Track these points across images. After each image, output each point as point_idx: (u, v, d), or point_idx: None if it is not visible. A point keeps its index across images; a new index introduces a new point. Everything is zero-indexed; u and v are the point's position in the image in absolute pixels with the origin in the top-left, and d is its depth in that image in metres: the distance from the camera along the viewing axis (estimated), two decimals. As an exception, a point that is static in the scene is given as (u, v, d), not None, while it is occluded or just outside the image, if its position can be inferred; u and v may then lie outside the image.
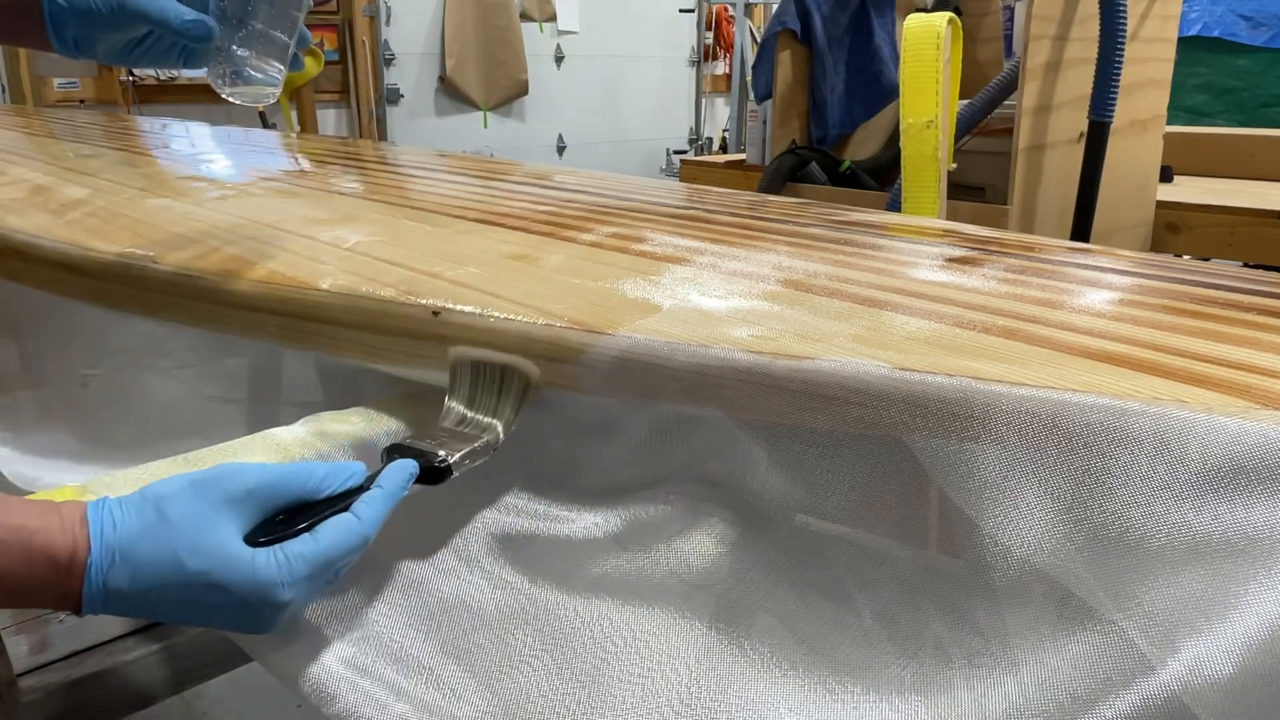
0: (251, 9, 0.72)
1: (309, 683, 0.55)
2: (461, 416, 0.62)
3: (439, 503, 0.65)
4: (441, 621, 0.59)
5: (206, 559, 0.50)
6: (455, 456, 0.58)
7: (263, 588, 0.51)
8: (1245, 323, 0.61)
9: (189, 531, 0.50)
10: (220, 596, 0.50)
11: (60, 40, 0.71)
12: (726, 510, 0.62)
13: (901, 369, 0.51)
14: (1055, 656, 0.48)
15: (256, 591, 0.50)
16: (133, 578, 0.49)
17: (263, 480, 0.53)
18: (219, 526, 0.51)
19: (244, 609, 0.51)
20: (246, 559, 0.51)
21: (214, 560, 0.50)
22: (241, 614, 0.51)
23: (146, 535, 0.50)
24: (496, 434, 0.61)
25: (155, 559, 0.49)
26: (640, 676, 0.56)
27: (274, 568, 0.51)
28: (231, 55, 0.73)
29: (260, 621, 0.52)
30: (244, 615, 0.51)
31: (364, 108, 4.62)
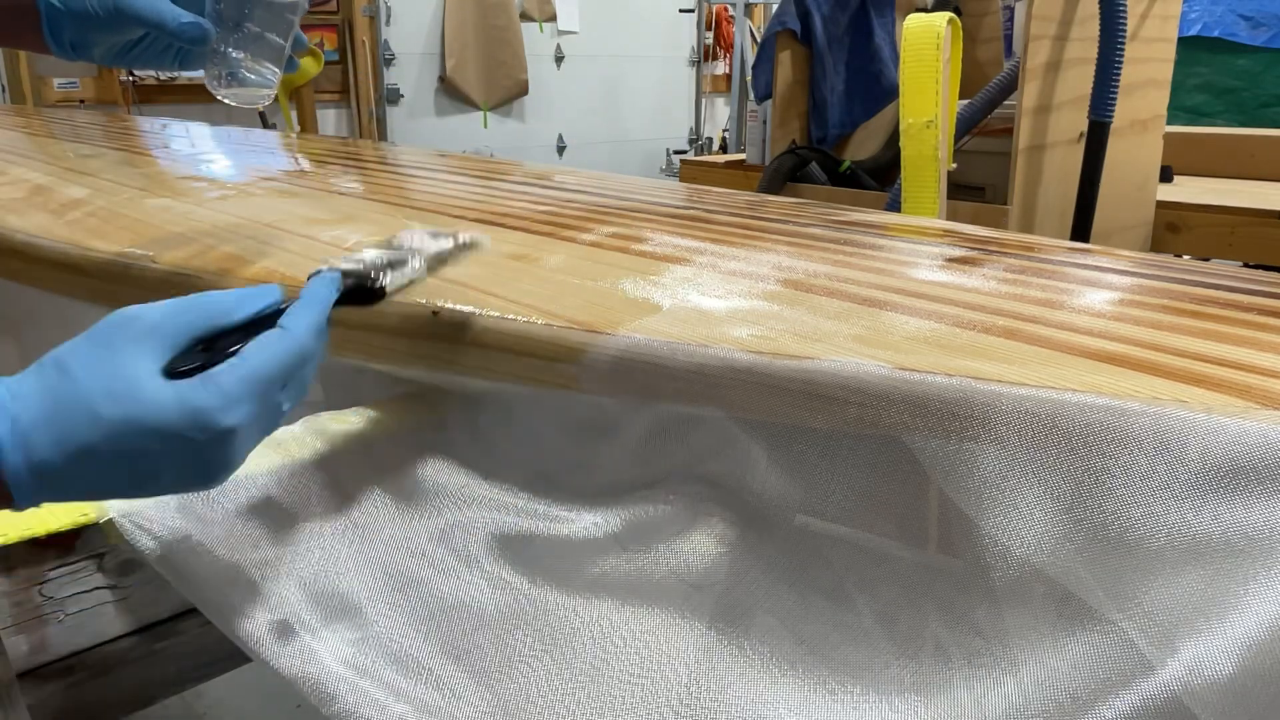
0: (247, 12, 0.73)
1: (309, 683, 0.55)
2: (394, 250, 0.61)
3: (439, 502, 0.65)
4: (441, 621, 0.59)
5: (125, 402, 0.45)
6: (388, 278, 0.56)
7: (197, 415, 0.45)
8: (1245, 323, 0.61)
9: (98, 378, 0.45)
10: (156, 441, 0.45)
11: (57, 43, 0.71)
12: (726, 510, 0.62)
13: (901, 369, 0.51)
14: (1055, 656, 0.48)
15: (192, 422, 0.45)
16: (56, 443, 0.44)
17: (165, 313, 0.48)
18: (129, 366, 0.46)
19: (188, 450, 0.45)
20: (169, 392, 0.45)
21: (134, 401, 0.45)
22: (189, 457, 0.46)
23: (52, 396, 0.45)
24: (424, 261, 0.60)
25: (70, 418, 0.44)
26: (640, 676, 0.56)
27: (203, 393, 0.46)
28: (227, 57, 0.73)
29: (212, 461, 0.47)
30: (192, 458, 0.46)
31: (364, 108, 4.62)
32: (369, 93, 4.62)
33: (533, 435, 0.68)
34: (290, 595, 0.59)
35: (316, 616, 0.58)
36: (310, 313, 0.52)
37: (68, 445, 0.44)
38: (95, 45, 0.72)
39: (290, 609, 0.58)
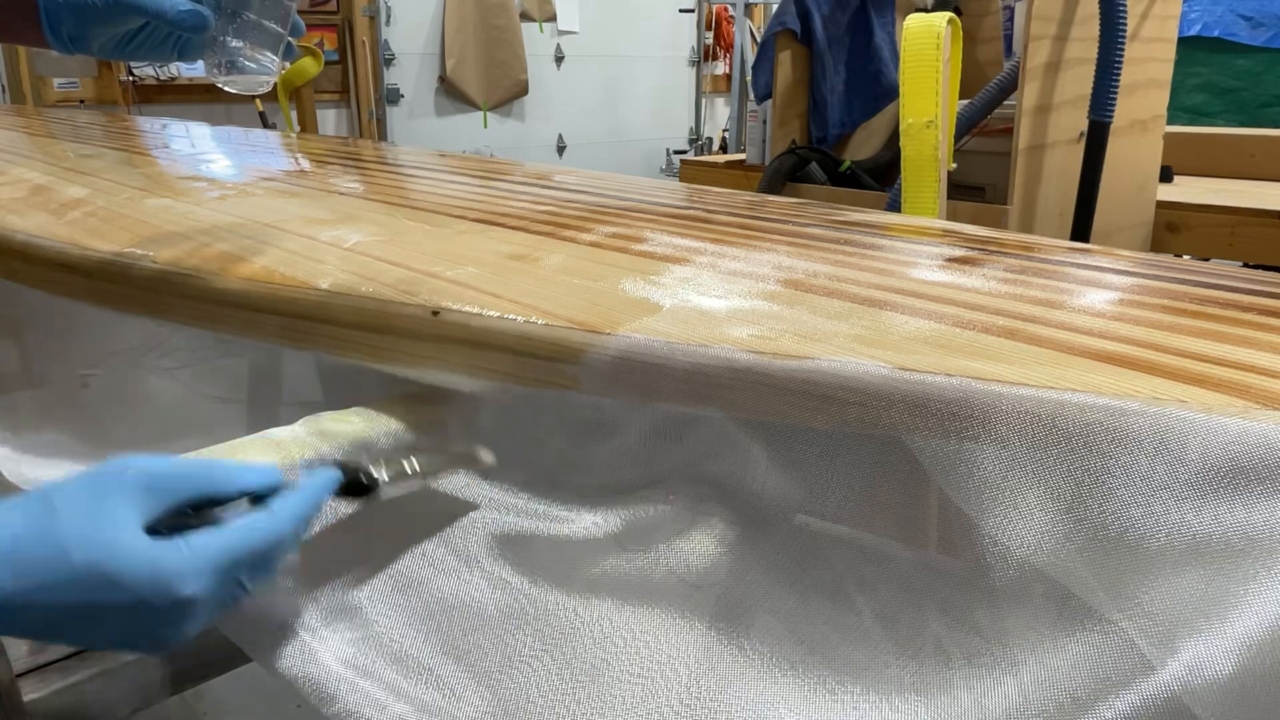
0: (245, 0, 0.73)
1: (309, 683, 0.55)
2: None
3: (438, 502, 0.65)
4: (441, 621, 0.59)
5: (96, 549, 0.44)
6: (385, 475, 0.57)
7: (161, 578, 0.45)
8: (1245, 323, 0.61)
9: (78, 521, 0.45)
10: (115, 594, 0.44)
11: (56, 36, 0.71)
12: (726, 510, 0.62)
13: (901, 369, 0.51)
14: (1055, 656, 0.48)
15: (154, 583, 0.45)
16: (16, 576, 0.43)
17: (165, 470, 0.49)
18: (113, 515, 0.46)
19: (144, 609, 0.45)
20: (142, 547, 0.45)
21: (104, 549, 0.44)
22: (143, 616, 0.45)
23: (31, 530, 0.45)
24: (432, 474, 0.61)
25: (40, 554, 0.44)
26: (640, 676, 0.56)
27: (173, 555, 0.45)
28: (226, 46, 0.74)
29: (165, 625, 0.46)
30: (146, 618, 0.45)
31: (364, 108, 4.62)
32: (369, 93, 4.62)
33: (533, 435, 0.68)
34: (290, 595, 0.59)
35: (316, 616, 0.58)
36: (301, 505, 0.52)
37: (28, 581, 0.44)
38: (94, 37, 0.71)
39: (290, 609, 0.58)
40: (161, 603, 0.45)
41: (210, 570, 0.47)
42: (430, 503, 0.65)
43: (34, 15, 0.70)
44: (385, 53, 4.68)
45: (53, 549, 0.44)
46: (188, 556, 0.46)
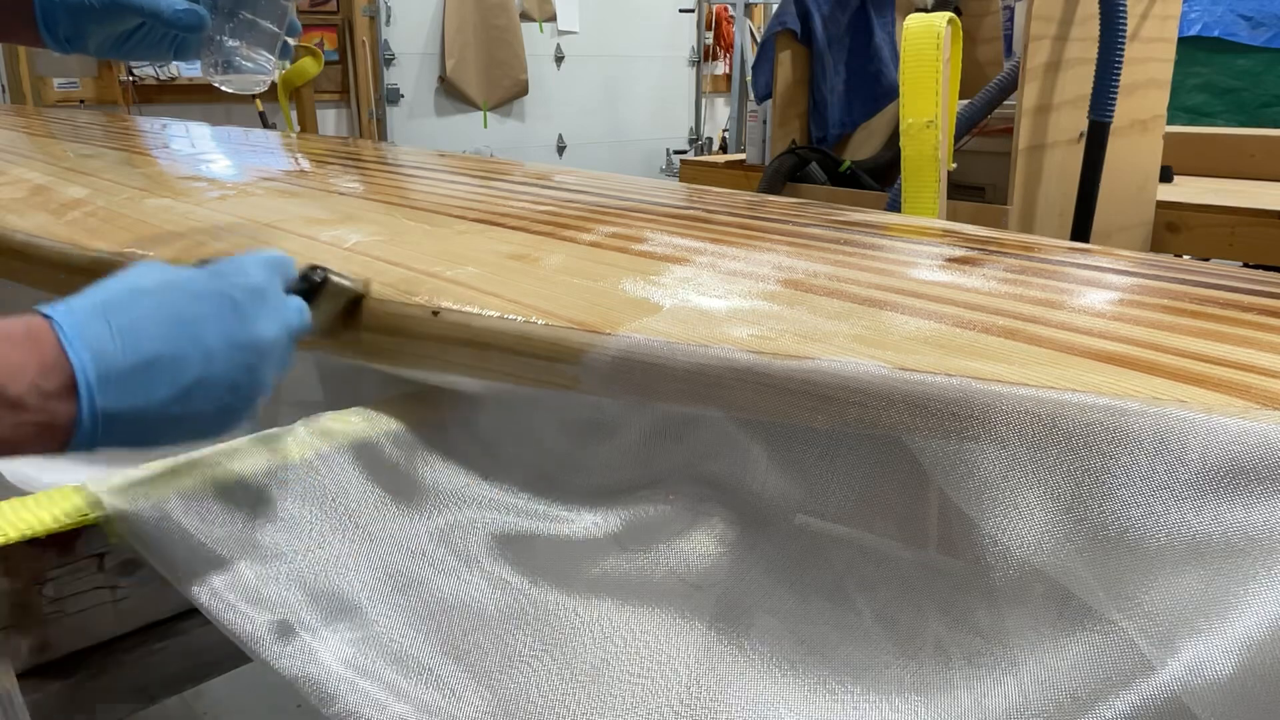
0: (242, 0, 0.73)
1: (309, 683, 0.55)
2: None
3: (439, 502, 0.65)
4: (441, 621, 0.59)
5: (166, 275, 0.50)
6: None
7: (229, 274, 0.51)
8: (1245, 323, 0.61)
9: (138, 275, 0.50)
10: (199, 303, 0.50)
11: (52, 35, 0.71)
12: (726, 510, 0.62)
13: (901, 369, 0.51)
14: (1055, 656, 0.48)
15: (226, 280, 0.51)
16: (113, 325, 0.47)
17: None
18: (165, 267, 0.52)
19: (228, 304, 0.51)
20: (201, 268, 0.51)
21: (173, 274, 0.50)
22: (230, 311, 0.50)
23: (102, 291, 0.49)
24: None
25: (122, 303, 0.48)
26: (640, 676, 0.56)
27: (227, 263, 0.52)
28: (222, 46, 0.74)
29: (251, 317, 0.51)
30: (232, 312, 0.51)
31: (364, 108, 4.62)
32: (369, 93, 4.62)
33: (533, 435, 0.68)
34: (290, 595, 0.59)
35: (316, 616, 0.58)
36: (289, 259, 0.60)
37: (120, 320, 0.48)
38: (90, 37, 0.71)
39: (290, 609, 0.58)
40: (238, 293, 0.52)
41: (258, 264, 0.55)
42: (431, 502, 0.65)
43: (30, 14, 0.70)
44: (385, 53, 4.68)
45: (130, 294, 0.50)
46: (237, 260, 0.54)
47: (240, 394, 0.52)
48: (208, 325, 0.50)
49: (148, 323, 0.48)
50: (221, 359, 0.50)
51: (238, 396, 0.52)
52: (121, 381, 0.47)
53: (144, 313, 0.48)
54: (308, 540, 0.61)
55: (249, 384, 0.52)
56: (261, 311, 0.52)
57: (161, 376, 0.48)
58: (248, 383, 0.52)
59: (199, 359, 0.49)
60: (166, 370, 0.49)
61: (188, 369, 0.49)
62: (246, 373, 0.51)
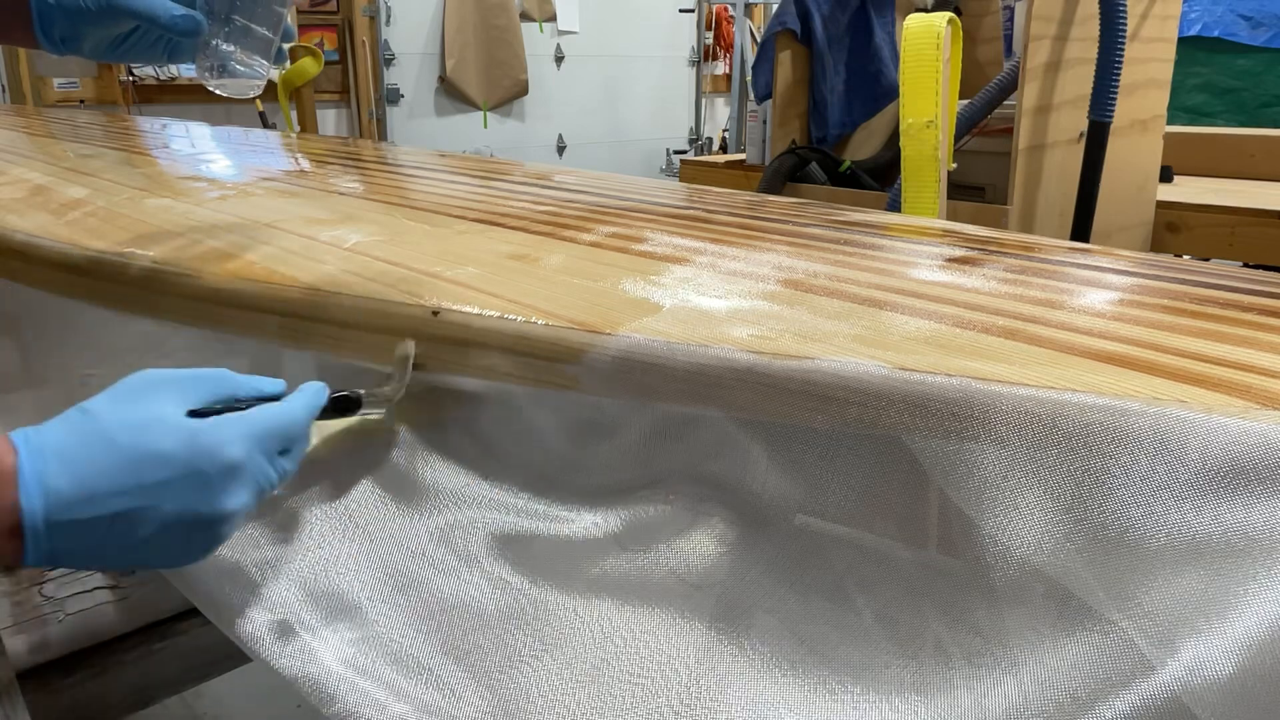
0: (237, 4, 0.73)
1: (309, 683, 0.55)
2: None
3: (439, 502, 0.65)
4: (441, 621, 0.59)
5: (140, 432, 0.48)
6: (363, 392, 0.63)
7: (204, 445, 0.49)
8: (1245, 323, 0.61)
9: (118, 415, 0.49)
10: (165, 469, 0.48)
11: (47, 37, 0.71)
12: (726, 510, 0.62)
13: (901, 369, 0.51)
14: (1055, 656, 0.48)
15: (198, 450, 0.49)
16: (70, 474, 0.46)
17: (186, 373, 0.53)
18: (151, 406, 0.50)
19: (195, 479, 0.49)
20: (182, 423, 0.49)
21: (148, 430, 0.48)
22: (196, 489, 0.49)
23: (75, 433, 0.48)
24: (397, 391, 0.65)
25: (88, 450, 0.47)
26: (640, 676, 0.56)
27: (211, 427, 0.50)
28: (217, 50, 0.74)
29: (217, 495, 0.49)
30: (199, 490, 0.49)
31: (364, 108, 4.62)
32: (369, 93, 4.62)
33: (533, 435, 0.68)
34: (290, 595, 0.59)
35: (316, 616, 0.58)
36: (306, 398, 0.58)
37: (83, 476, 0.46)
38: (85, 39, 0.71)
39: (290, 609, 0.58)
40: (210, 467, 0.49)
41: (245, 437, 0.51)
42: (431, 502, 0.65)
43: (26, 16, 0.70)
44: (385, 53, 4.68)
45: (100, 442, 0.47)
46: (225, 427, 0.50)
47: (195, 548, 0.51)
48: (170, 495, 0.49)
49: (109, 482, 0.47)
50: (175, 525, 0.49)
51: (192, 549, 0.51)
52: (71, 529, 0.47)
53: (108, 470, 0.47)
54: (308, 540, 0.61)
55: (204, 542, 0.51)
56: (231, 486, 0.50)
57: (114, 531, 0.48)
58: (204, 541, 0.51)
59: (154, 523, 0.49)
60: (120, 526, 0.48)
61: (141, 528, 0.49)
62: (204, 534, 0.51)
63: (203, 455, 0.49)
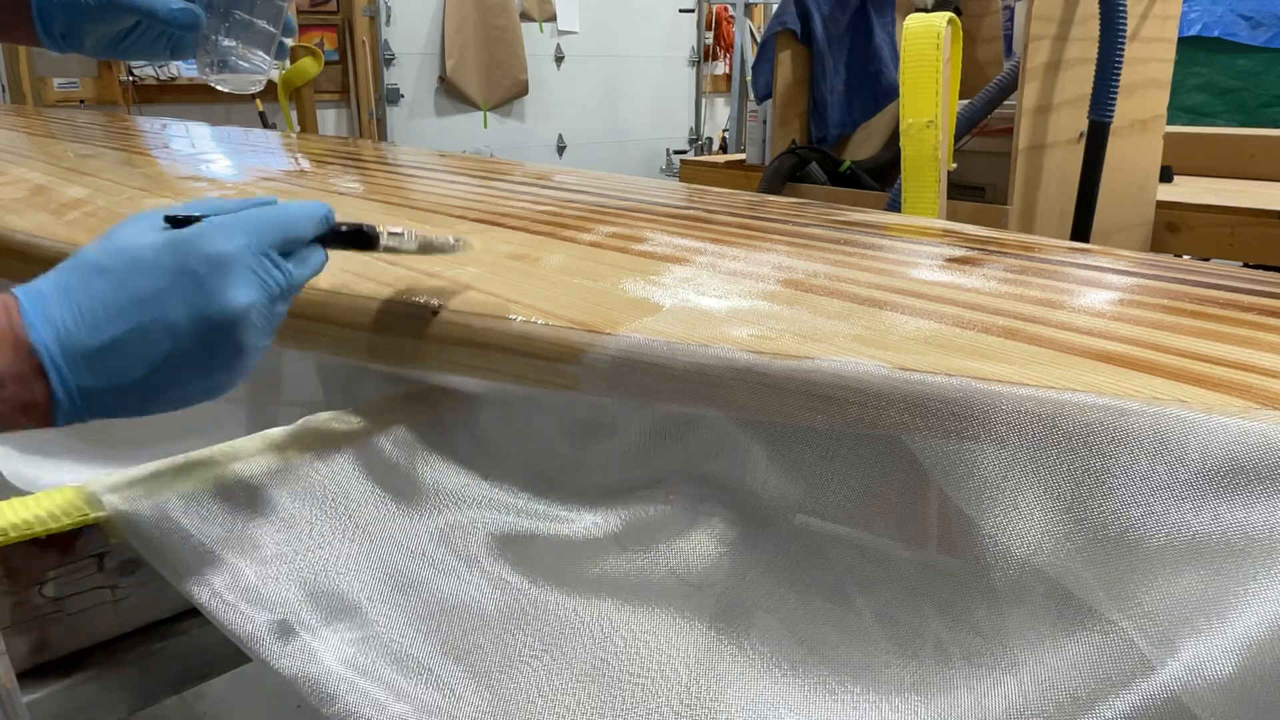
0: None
1: (309, 683, 0.55)
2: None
3: (439, 502, 0.65)
4: (441, 621, 0.59)
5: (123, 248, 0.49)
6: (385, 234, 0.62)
7: (189, 247, 0.48)
8: (1245, 323, 0.61)
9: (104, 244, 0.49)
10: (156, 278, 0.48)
11: (48, 34, 0.71)
12: (726, 510, 0.62)
13: (901, 369, 0.51)
14: (1055, 656, 0.48)
15: (185, 253, 0.48)
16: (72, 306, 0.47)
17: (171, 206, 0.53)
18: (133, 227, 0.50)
19: (189, 279, 0.48)
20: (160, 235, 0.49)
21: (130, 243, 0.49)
22: (191, 287, 0.48)
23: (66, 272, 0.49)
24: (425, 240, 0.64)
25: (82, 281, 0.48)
26: (640, 676, 0.56)
27: (193, 230, 0.49)
28: (218, 45, 0.74)
29: (216, 288, 0.49)
30: (195, 288, 0.48)
31: (364, 108, 4.62)
32: (369, 93, 4.62)
33: (533, 435, 0.68)
34: (290, 595, 0.59)
35: (316, 616, 0.58)
36: (307, 205, 0.56)
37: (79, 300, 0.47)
38: (86, 35, 0.72)
39: (290, 609, 0.58)
40: (198, 265, 0.48)
41: (231, 231, 0.50)
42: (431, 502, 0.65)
43: (26, 12, 0.70)
44: (385, 53, 4.68)
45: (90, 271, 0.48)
46: (207, 226, 0.49)
47: (221, 360, 0.51)
48: (167, 302, 0.48)
49: (108, 303, 0.48)
50: (189, 333, 0.49)
51: (219, 362, 0.51)
52: (90, 361, 0.47)
53: (103, 293, 0.48)
54: (308, 540, 0.61)
55: (228, 351, 0.50)
56: (227, 281, 0.49)
57: (131, 355, 0.48)
58: (227, 349, 0.50)
59: (165, 335, 0.49)
60: (135, 349, 0.48)
61: (157, 345, 0.48)
62: (222, 340, 0.50)
63: (188, 255, 0.48)
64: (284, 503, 0.62)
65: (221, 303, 0.49)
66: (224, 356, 0.51)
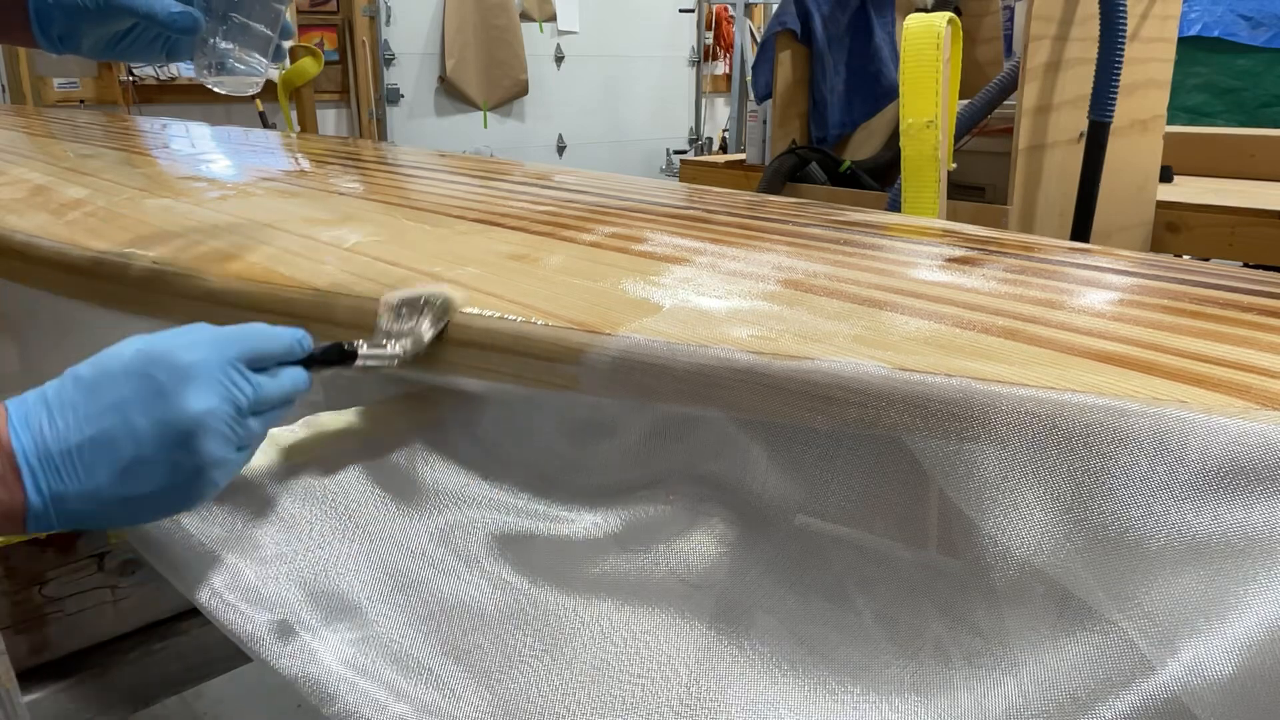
0: (235, 2, 0.74)
1: (309, 683, 0.55)
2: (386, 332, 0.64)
3: (439, 502, 0.65)
4: (441, 621, 0.59)
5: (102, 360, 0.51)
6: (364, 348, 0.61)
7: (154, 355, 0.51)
8: (1245, 323, 0.61)
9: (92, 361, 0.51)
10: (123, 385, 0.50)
11: (45, 35, 0.71)
12: (726, 510, 0.62)
13: (901, 369, 0.51)
14: (1055, 657, 0.48)
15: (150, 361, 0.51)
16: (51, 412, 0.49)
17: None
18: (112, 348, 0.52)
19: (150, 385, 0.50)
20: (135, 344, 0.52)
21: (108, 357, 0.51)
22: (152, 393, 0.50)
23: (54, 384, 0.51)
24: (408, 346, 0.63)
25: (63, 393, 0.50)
26: (640, 676, 0.56)
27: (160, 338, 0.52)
28: (215, 48, 0.74)
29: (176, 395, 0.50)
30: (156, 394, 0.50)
31: (364, 108, 4.62)
32: (369, 93, 4.62)
33: (533, 435, 0.68)
34: (290, 595, 0.59)
35: (316, 616, 0.58)
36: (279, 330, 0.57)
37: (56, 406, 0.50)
38: (84, 37, 0.71)
39: (290, 609, 0.58)
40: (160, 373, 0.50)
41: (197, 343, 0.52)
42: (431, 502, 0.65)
43: (23, 14, 0.70)
44: (385, 53, 4.68)
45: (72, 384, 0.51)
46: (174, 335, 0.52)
47: (184, 471, 0.51)
48: (131, 407, 0.50)
49: (79, 410, 0.50)
50: (150, 438, 0.50)
51: (182, 473, 0.51)
52: (61, 463, 0.49)
53: (76, 401, 0.50)
54: (308, 540, 0.61)
55: (190, 461, 0.51)
56: (188, 388, 0.51)
57: (97, 458, 0.50)
58: (188, 460, 0.51)
59: (128, 439, 0.50)
60: (100, 452, 0.50)
61: (120, 449, 0.50)
62: (183, 447, 0.51)
63: (152, 363, 0.50)
64: (284, 503, 0.62)
65: (180, 408, 0.50)
66: (186, 466, 0.51)
